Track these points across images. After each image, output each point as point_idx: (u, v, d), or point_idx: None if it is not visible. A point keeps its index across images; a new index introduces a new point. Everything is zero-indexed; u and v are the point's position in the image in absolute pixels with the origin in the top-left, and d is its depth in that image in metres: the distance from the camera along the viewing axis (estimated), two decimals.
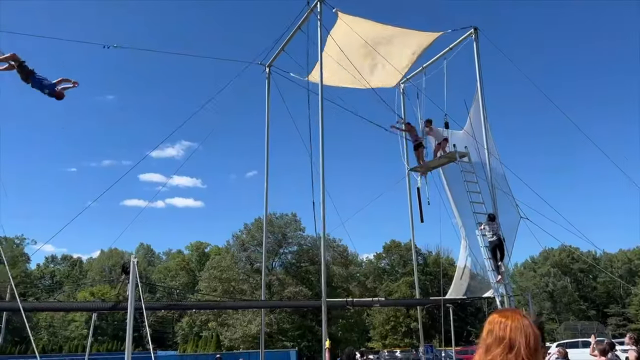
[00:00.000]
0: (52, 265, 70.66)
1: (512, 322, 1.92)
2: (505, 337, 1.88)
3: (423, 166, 15.87)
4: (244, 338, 42.36)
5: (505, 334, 1.89)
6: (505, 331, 1.90)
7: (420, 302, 19.81)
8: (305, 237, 50.22)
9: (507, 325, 1.91)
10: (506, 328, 1.90)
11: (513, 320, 1.92)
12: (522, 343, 1.86)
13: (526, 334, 1.88)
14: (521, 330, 1.88)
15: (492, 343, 1.91)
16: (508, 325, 1.91)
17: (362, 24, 14.85)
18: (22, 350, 38.00)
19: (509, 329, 1.90)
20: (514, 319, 1.93)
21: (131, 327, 7.53)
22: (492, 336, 1.93)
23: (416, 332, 50.63)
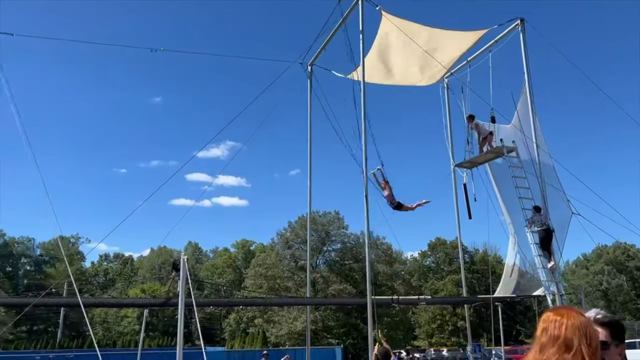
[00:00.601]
0: (106, 263, 73.38)
1: (568, 320, 1.83)
2: (561, 336, 1.80)
3: (469, 162, 15.58)
4: (289, 335, 42.79)
5: (561, 332, 1.81)
6: (561, 330, 1.81)
7: (468, 300, 19.44)
8: (349, 235, 50.27)
9: (563, 324, 1.82)
10: (562, 326, 1.82)
11: (569, 318, 1.84)
12: (583, 343, 1.77)
13: (586, 333, 1.79)
14: (579, 328, 1.80)
15: (547, 342, 1.84)
16: (564, 324, 1.82)
17: (406, 25, 14.75)
18: (79, 344, 39.58)
19: (564, 327, 1.81)
20: (569, 317, 1.84)
21: (182, 322, 7.75)
22: (546, 335, 1.85)
23: (463, 330, 49.76)
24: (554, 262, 12.86)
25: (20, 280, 57.05)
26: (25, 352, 33.20)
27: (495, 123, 15.23)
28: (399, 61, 16.07)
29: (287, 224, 51.29)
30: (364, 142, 12.82)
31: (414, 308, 52.23)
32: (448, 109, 17.57)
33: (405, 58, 15.96)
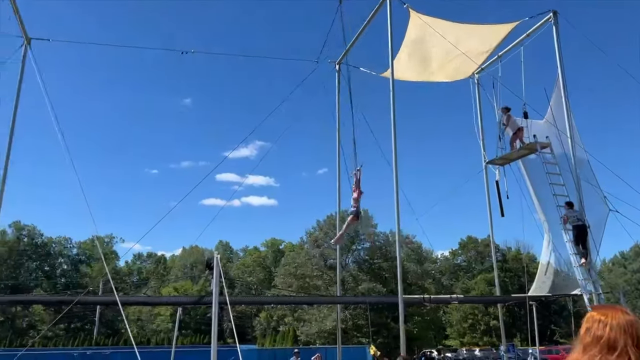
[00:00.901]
0: (139, 263, 74.92)
1: (612, 320, 1.78)
2: (604, 336, 1.75)
3: (502, 158, 15.31)
4: (319, 333, 42.91)
5: (604, 332, 1.76)
6: (605, 330, 1.77)
7: (502, 299, 19.11)
8: (378, 233, 50.08)
9: (607, 324, 1.78)
10: (605, 326, 1.77)
11: (614, 318, 1.79)
12: (629, 343, 1.72)
13: (632, 333, 1.73)
14: (625, 328, 1.75)
15: (590, 342, 1.79)
16: (608, 324, 1.78)
17: (435, 22, 14.62)
18: (115, 342, 40.54)
19: (608, 327, 1.77)
20: (614, 316, 1.79)
21: (216, 320, 7.85)
22: (589, 335, 1.80)
23: (496, 330, 48.97)
24: (588, 259, 12.54)
25: (58, 279, 58.72)
26: (64, 348, 34.15)
27: (527, 119, 14.93)
28: (428, 58, 15.91)
29: (316, 222, 51.43)
30: (394, 140, 12.74)
31: (445, 307, 51.70)
32: (479, 105, 17.32)
33: (435, 54, 15.81)
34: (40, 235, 58.21)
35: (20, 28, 13.94)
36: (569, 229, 12.99)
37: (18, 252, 55.04)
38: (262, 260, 68.19)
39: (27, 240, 56.76)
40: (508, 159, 15.48)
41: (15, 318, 48.55)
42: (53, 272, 59.59)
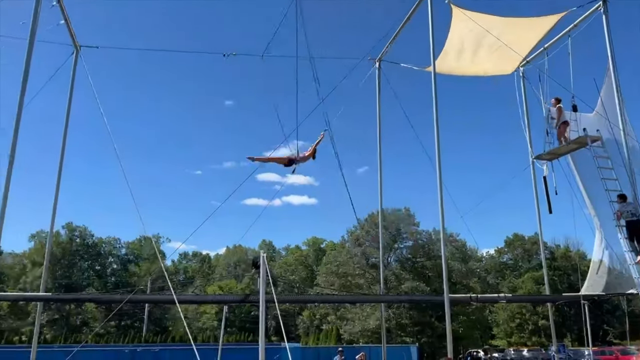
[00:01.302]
0: (185, 262, 76.72)
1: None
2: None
3: (550, 153, 14.85)
4: (362, 332, 42.80)
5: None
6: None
7: (553, 298, 18.51)
8: (420, 232, 49.55)
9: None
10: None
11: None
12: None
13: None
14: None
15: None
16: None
17: (478, 17, 14.35)
18: (163, 339, 41.65)
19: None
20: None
21: (263, 318, 7.95)
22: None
23: (545, 330, 47.68)
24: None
25: (108, 278, 60.80)
26: (115, 345, 35.34)
27: (577, 112, 14.43)
28: (471, 52, 15.61)
29: (357, 221, 51.31)
30: (437, 136, 12.56)
31: (491, 306, 50.67)
32: (525, 98, 16.86)
33: (479, 49, 15.49)
34: (91, 236, 60.40)
35: (70, 36, 14.49)
36: (623, 224, 12.49)
37: (71, 253, 57.30)
38: (303, 259, 68.61)
39: (79, 240, 58.99)
40: (556, 153, 14.98)
41: (70, 316, 50.56)
42: (104, 271, 61.73)
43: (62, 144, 15.02)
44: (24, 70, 10.62)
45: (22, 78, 10.54)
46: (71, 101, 15.15)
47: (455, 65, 16.41)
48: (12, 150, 10.21)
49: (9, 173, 10.12)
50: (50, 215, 14.63)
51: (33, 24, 10.87)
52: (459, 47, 15.66)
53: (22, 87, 10.49)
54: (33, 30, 10.85)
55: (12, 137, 10.25)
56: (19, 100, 10.45)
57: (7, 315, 49.36)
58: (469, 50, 15.86)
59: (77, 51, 14.86)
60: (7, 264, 57.08)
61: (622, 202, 12.50)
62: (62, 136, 15.08)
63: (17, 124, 10.39)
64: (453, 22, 14.83)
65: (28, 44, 10.74)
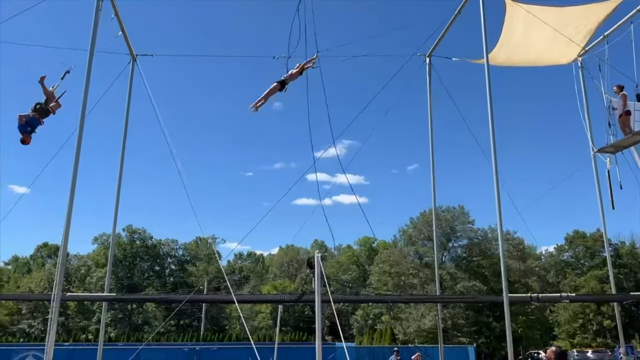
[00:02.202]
0: (240, 262, 78.26)
1: None
2: None
3: (613, 146, 14.17)
4: (418, 332, 42.27)
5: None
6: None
7: (620, 297, 17.63)
8: (475, 230, 48.45)
9: None
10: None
11: None
12: None
13: None
14: None
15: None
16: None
17: (533, 9, 13.91)
18: (220, 338, 42.59)
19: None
20: None
21: (320, 318, 7.98)
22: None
23: (610, 330, 45.56)
24: None
25: (167, 279, 62.87)
26: (175, 343, 36.44)
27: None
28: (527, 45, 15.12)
29: (409, 220, 50.76)
30: (492, 130, 12.21)
31: (552, 306, 48.89)
32: (584, 90, 16.15)
33: (535, 41, 14.99)
34: (150, 238, 62.58)
35: (127, 46, 15.07)
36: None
37: (132, 254, 59.62)
38: (355, 258, 68.50)
39: (139, 242, 61.28)
40: (620, 146, 14.27)
41: (132, 315, 52.61)
42: (162, 272, 63.85)
43: (122, 150, 15.65)
44: (85, 80, 11.15)
45: (83, 88, 11.06)
46: (129, 109, 15.77)
47: (509, 57, 15.95)
48: (76, 157, 10.72)
49: (74, 179, 10.64)
50: (112, 219, 15.29)
51: (93, 36, 11.38)
52: (515, 39, 15.22)
53: (83, 98, 11.01)
54: (92, 42, 11.36)
55: (76, 145, 10.76)
56: (82, 109, 10.97)
57: (75, 315, 51.92)
58: (525, 43, 15.39)
59: (134, 60, 15.43)
60: (73, 266, 60.01)
61: None
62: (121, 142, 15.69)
63: (80, 131, 10.89)
64: (508, 15, 14.44)
65: (88, 55, 11.26)
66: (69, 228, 10.42)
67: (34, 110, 11.33)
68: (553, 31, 14.16)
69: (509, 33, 15.02)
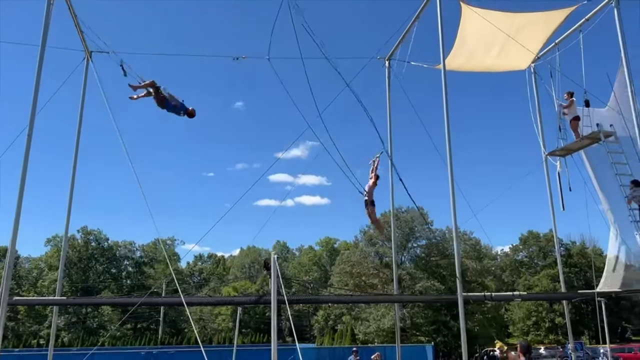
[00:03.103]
0: (200, 263, 77.16)
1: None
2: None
3: (563, 149, 14.72)
4: (378, 332, 42.68)
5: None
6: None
7: (568, 296, 18.32)
8: (434, 230, 49.29)
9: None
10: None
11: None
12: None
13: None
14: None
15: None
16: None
17: (488, 14, 14.28)
18: (179, 341, 41.92)
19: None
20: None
21: (275, 318, 7.96)
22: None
23: (561, 327, 47.22)
24: None
25: (123, 281, 61.37)
26: (132, 347, 35.62)
27: (589, 107, 14.27)
28: (483, 49, 15.51)
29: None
30: (447, 134, 12.48)
31: (507, 304, 50.27)
32: (537, 95, 16.71)
33: (489, 46, 15.40)
34: (106, 240, 60.98)
35: (81, 42, 14.65)
36: (635, 207, 12.41)
37: (87, 256, 57.91)
38: (317, 259, 68.64)
39: (95, 244, 59.60)
40: (570, 149, 14.85)
41: (87, 319, 51.12)
42: (119, 274, 62.31)
43: (75, 149, 15.19)
44: (36, 77, 10.76)
45: (34, 85, 10.68)
46: (83, 107, 15.32)
47: (466, 62, 16.33)
48: (25, 156, 10.34)
49: (23, 178, 10.25)
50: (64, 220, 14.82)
51: (44, 31, 11.00)
52: (470, 44, 15.58)
53: (34, 95, 10.64)
54: (44, 37, 10.99)
55: (26, 143, 10.38)
56: (32, 107, 10.59)
57: (25, 319, 50.04)
58: (480, 47, 15.78)
59: (89, 57, 15.01)
60: (24, 269, 57.83)
61: (636, 187, 12.41)
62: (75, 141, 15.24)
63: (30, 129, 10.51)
64: (462, 19, 14.78)
65: (40, 51, 10.88)
66: (17, 229, 10.04)
67: None
68: (507, 37, 14.59)
69: (465, 38, 15.37)
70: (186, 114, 12.46)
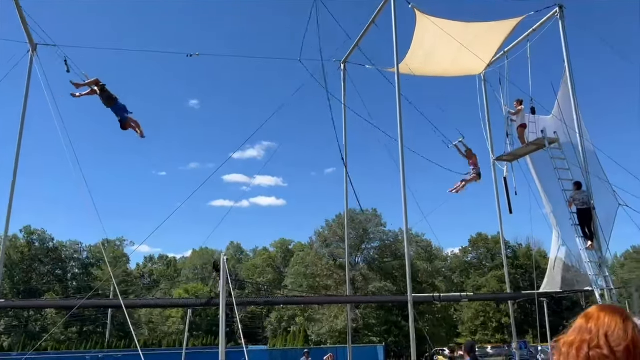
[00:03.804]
0: (150, 265, 75.32)
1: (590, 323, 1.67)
2: (575, 341, 1.64)
3: (510, 154, 15.24)
4: (330, 333, 42.89)
5: (575, 337, 1.65)
6: (576, 334, 1.66)
7: (512, 296, 18.97)
8: (387, 232, 49.99)
9: (583, 327, 1.67)
10: (580, 329, 1.67)
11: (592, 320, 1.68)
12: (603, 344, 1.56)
13: (607, 334, 1.58)
14: (603, 331, 1.60)
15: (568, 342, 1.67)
16: (585, 326, 1.67)
17: (440, 22, 14.63)
18: (127, 344, 40.74)
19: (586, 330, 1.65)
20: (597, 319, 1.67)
21: (224, 321, 7.85)
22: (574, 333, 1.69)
23: (508, 327, 48.74)
24: (593, 243, 12.49)
25: (69, 283, 59.17)
26: (76, 352, 34.39)
27: (535, 114, 14.84)
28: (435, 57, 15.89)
29: (325, 222, 51.41)
30: (400, 137, 12.69)
31: (456, 305, 51.50)
32: (486, 101, 17.24)
33: (442, 53, 15.79)
34: (51, 240, 58.68)
35: (25, 34, 14.06)
36: (574, 212, 12.96)
37: (30, 257, 55.51)
38: (272, 260, 68.30)
39: (39, 244, 57.23)
40: (516, 155, 15.40)
41: (29, 322, 48.99)
42: (65, 275, 60.05)
43: (18, 145, 14.53)
44: None
45: None
46: (27, 101, 14.69)
47: (421, 66, 16.66)
48: None
49: None
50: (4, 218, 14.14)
51: None
52: (424, 50, 15.90)
53: None
54: None
55: None
56: None
57: None
58: (435, 53, 16.14)
59: (33, 50, 14.42)
60: None
61: (577, 190, 12.95)
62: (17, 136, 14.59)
63: None
64: (417, 26, 15.07)
65: None
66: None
67: None
68: (459, 45, 14.99)
69: (419, 43, 15.68)
70: (121, 124, 12.25)
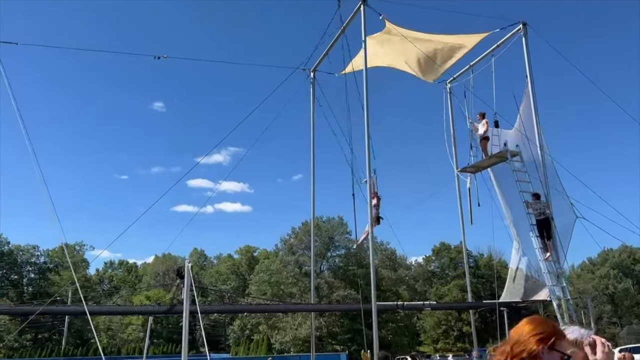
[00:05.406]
0: (110, 270, 73.40)
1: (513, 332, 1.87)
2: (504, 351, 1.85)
3: (473, 166, 15.58)
4: (294, 341, 42.68)
5: (504, 347, 1.86)
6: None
7: (473, 305, 19.34)
8: (353, 240, 50.18)
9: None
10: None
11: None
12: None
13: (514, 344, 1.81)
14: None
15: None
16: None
17: (409, 33, 14.91)
18: (84, 352, 39.59)
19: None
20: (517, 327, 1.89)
21: (187, 329, 7.73)
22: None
23: (469, 336, 49.56)
24: (551, 253, 12.86)
25: (25, 288, 57.11)
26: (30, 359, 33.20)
27: (498, 127, 15.23)
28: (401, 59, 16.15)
29: (291, 229, 51.28)
30: (367, 147, 12.82)
31: (419, 313, 52.06)
32: (451, 114, 17.60)
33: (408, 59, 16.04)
34: (7, 243, 56.59)
35: None
36: (534, 223, 13.30)
37: None
38: (236, 267, 67.58)
39: None
40: (479, 167, 15.75)
41: None
42: (20, 280, 57.94)
43: None
44: None
45: None
46: None
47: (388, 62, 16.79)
48: None
49: None
50: None
51: None
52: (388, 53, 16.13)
53: None
54: None
55: None
56: None
57: None
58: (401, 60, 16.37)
59: None
60: None
61: (536, 200, 13.33)
62: None
63: None
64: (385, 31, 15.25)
65: None
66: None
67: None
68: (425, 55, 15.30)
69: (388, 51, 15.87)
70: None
